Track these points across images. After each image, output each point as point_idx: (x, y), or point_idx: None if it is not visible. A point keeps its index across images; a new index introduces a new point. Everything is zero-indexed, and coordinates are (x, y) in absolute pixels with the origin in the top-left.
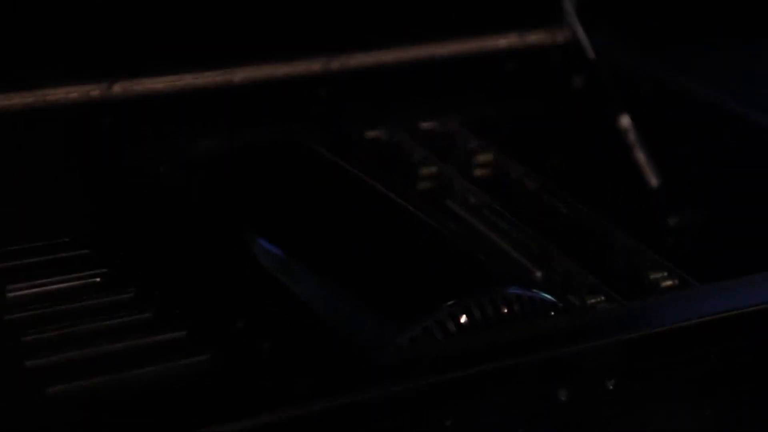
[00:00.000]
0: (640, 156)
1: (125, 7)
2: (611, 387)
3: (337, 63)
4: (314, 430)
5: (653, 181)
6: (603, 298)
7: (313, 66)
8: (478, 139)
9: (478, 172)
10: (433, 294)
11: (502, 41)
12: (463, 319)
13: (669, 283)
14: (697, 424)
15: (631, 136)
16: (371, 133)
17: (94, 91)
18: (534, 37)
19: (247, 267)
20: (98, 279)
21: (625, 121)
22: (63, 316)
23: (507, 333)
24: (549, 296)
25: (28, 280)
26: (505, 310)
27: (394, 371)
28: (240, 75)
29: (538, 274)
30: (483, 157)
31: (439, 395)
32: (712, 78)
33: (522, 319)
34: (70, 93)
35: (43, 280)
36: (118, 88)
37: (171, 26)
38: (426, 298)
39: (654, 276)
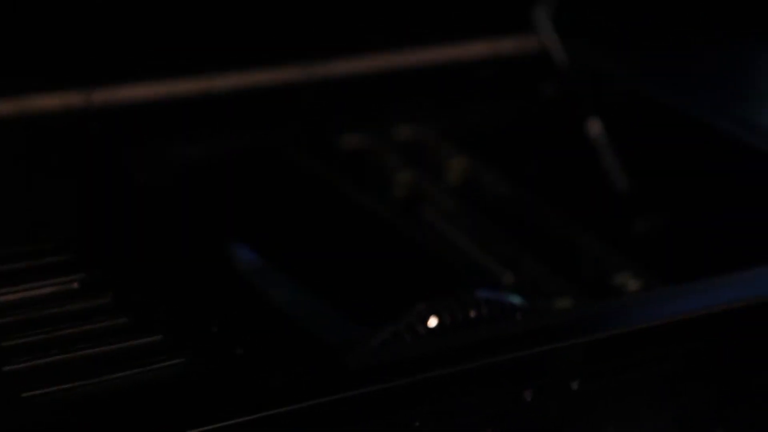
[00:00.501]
0: (609, 161)
1: (104, 14)
2: (576, 387)
3: (316, 70)
4: (288, 430)
5: (621, 185)
6: (570, 299)
7: (292, 73)
8: (451, 145)
9: (451, 178)
10: (403, 298)
11: (475, 49)
12: (433, 322)
13: (634, 284)
14: (660, 425)
15: (600, 141)
16: (349, 140)
17: (75, 98)
18: (506, 45)
19: (223, 273)
20: (76, 284)
21: (594, 126)
22: (41, 322)
23: (474, 335)
24: (518, 299)
25: (5, 285)
26: (473, 313)
27: (364, 373)
28: (221, 82)
29: (508, 278)
30: (456, 163)
31: (408, 396)
32: (680, 85)
33: (490, 322)
34: (51, 101)
35: (21, 286)
36: (98, 96)
37: (151, 33)
38: (396, 303)
39: (620, 279)
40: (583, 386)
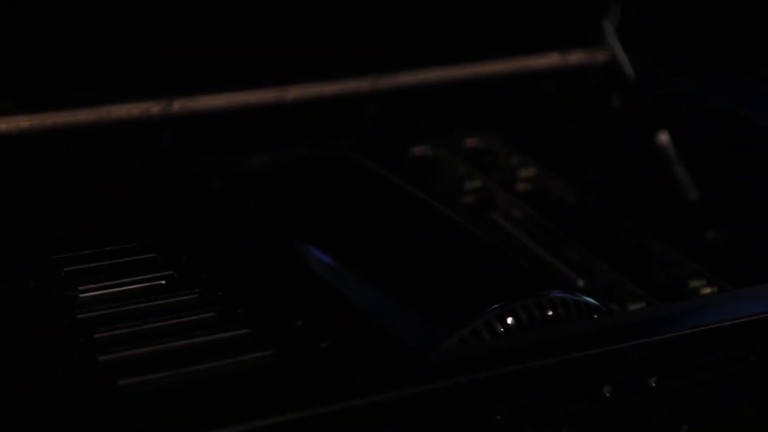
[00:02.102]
0: (679, 171)
1: (186, 29)
2: (654, 384)
3: (384, 82)
4: (370, 422)
5: (691, 195)
6: (644, 304)
7: (360, 85)
8: (521, 154)
9: (520, 186)
10: (481, 298)
11: (544, 61)
12: (510, 321)
13: (708, 290)
14: (737, 424)
15: (670, 152)
16: (417, 149)
17: (155, 108)
18: (575, 57)
19: (302, 272)
20: (163, 281)
21: (663, 137)
22: (131, 315)
23: (553, 332)
24: (593, 300)
25: (98, 281)
26: (550, 313)
27: (444, 368)
28: (292, 93)
29: (581, 282)
30: (525, 172)
31: (488, 392)
32: (747, 95)
33: (566, 322)
34: (132, 109)
35: (113, 282)
36: (177, 106)
37: (227, 47)
38: (474, 302)
39: (694, 284)
40: (662, 383)
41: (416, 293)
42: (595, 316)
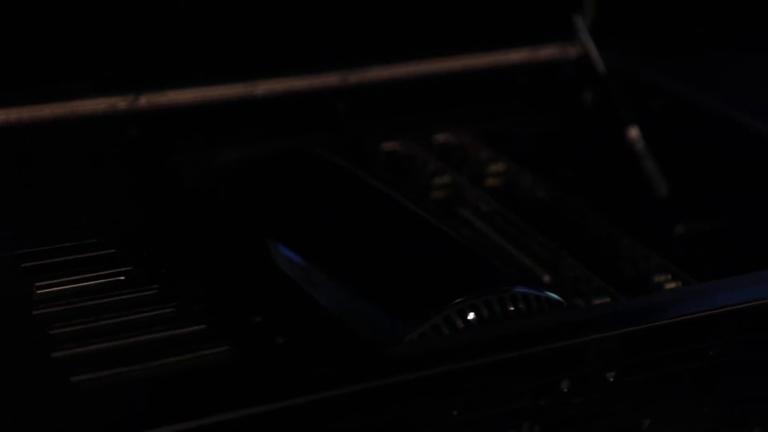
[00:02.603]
0: (649, 166)
1: (151, 23)
2: (612, 379)
3: (354, 76)
4: (327, 415)
5: (661, 189)
6: (609, 299)
7: (331, 79)
8: (490, 149)
9: (490, 181)
10: (443, 293)
11: (515, 55)
12: (471, 316)
13: (673, 285)
14: (696, 418)
15: (640, 147)
16: (388, 145)
17: (121, 103)
18: (546, 52)
19: (264, 268)
20: (123, 277)
21: (634, 132)
22: (89, 311)
23: (511, 327)
24: (556, 296)
25: (55, 278)
26: (512, 308)
27: (402, 362)
28: (261, 87)
29: (547, 277)
30: (495, 167)
31: (446, 386)
32: (718, 90)
33: (527, 317)
34: (98, 105)
35: (71, 278)
36: (144, 100)
37: (195, 40)
38: (436, 297)
39: (659, 279)
40: (620, 378)
41: (380, 288)
42: (556, 311)
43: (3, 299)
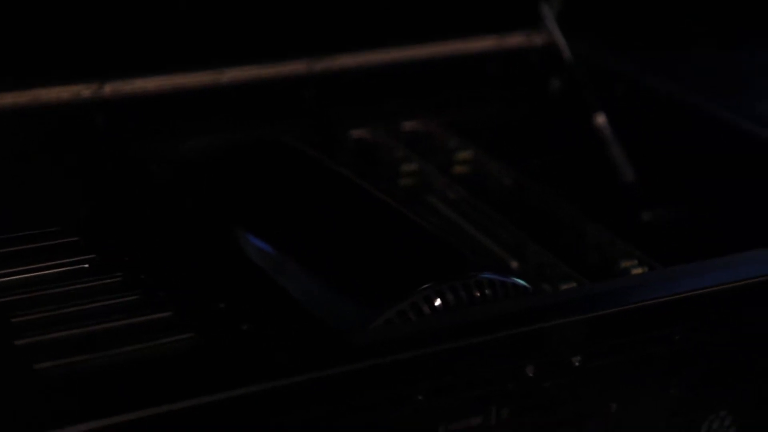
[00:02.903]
0: (615, 152)
1: (115, 9)
2: (577, 363)
3: (321, 64)
4: (291, 402)
5: (627, 176)
6: (575, 285)
7: (298, 67)
8: (458, 137)
9: (457, 169)
10: (408, 280)
11: (482, 43)
12: (437, 302)
13: (639, 271)
14: (661, 403)
15: (606, 134)
16: (355, 132)
17: (85, 91)
18: (513, 40)
19: (230, 257)
20: (86, 265)
21: (600, 119)
22: (52, 299)
23: (476, 312)
24: (522, 281)
25: (18, 265)
26: (478, 294)
27: (367, 349)
28: (228, 75)
29: (514, 264)
30: (462, 155)
31: (410, 372)
32: (682, 78)
33: (493, 302)
34: (62, 93)
35: (33, 266)
36: (108, 89)
37: (160, 28)
38: (401, 284)
39: (625, 264)
40: (585, 362)
41: (346, 276)
42: (522, 296)
43: None
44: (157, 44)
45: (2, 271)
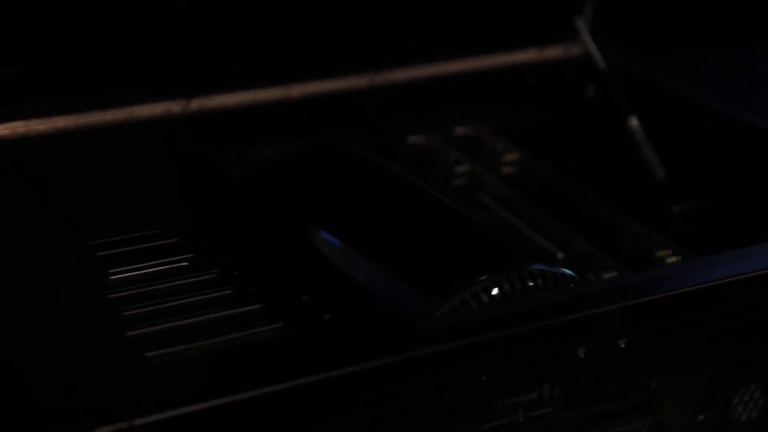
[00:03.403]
0: (647, 152)
1: (201, 35)
2: (623, 345)
3: (381, 78)
4: (370, 385)
5: (659, 173)
6: (616, 273)
7: (361, 81)
8: (505, 141)
9: (504, 170)
10: (467, 271)
11: (524, 56)
12: (495, 291)
13: (673, 259)
14: (698, 380)
15: (639, 136)
16: (412, 138)
17: (175, 107)
18: (551, 52)
19: (307, 252)
20: (185, 263)
21: (633, 122)
22: (157, 295)
23: (532, 300)
24: (569, 271)
25: (127, 264)
26: (531, 284)
27: (435, 335)
28: (297, 90)
29: (559, 255)
30: (509, 157)
31: (475, 355)
32: (706, 84)
33: (545, 291)
34: (155, 109)
35: (139, 265)
36: (194, 104)
37: (238, 51)
38: (462, 275)
39: (660, 254)
40: (630, 344)
41: (411, 268)
42: (571, 286)
43: (81, 285)
44: (235, 65)
45: (113, 270)
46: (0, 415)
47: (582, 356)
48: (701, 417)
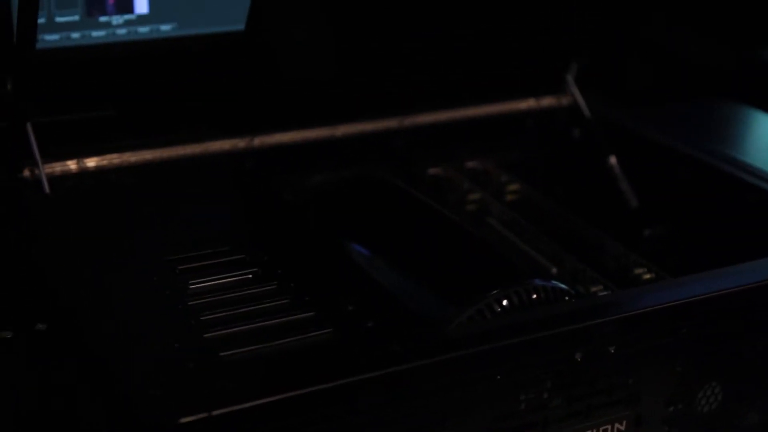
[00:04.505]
0: (623, 185)
1: (261, 85)
2: (613, 351)
3: (408, 121)
4: (405, 384)
5: (632, 203)
6: (601, 287)
7: (391, 123)
8: (508, 173)
9: (508, 197)
10: (481, 285)
11: (524, 104)
12: (505, 302)
13: (648, 276)
14: (671, 378)
15: (616, 171)
16: (432, 170)
17: (240, 143)
18: (546, 101)
19: (349, 266)
20: (251, 276)
21: (611, 160)
22: (228, 303)
23: (538, 312)
24: (564, 286)
25: (203, 276)
26: (534, 296)
27: (458, 341)
28: (340, 130)
29: (554, 270)
30: (511, 187)
31: (491, 358)
32: (672, 128)
33: (547, 303)
34: (224, 144)
35: (214, 277)
36: (257, 141)
37: (293, 98)
38: (476, 289)
39: (637, 271)
40: (618, 350)
41: (434, 281)
42: (567, 299)
43: (166, 294)
44: (290, 109)
45: (192, 281)
46: (96, 405)
47: (579, 359)
48: (671, 408)
